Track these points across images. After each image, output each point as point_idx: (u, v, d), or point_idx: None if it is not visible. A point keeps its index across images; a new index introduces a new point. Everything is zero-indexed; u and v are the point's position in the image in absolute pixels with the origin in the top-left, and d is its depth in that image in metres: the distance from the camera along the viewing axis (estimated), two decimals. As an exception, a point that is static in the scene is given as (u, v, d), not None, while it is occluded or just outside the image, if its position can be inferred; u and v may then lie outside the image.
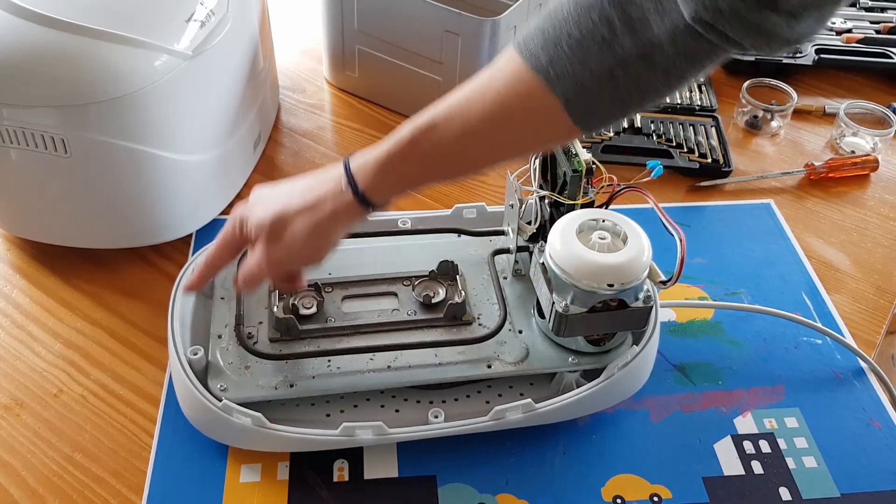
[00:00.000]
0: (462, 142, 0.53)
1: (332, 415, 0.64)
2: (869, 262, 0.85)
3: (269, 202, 0.59)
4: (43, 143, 0.67)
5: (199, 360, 0.62)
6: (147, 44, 0.67)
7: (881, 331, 0.75)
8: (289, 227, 0.57)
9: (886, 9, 1.19)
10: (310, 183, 0.59)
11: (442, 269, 0.71)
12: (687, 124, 0.99)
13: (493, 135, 0.53)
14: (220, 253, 0.62)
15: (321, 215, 0.57)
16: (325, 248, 0.59)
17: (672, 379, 0.71)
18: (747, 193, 0.92)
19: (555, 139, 0.58)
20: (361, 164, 0.56)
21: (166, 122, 0.71)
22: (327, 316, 0.67)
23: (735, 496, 0.63)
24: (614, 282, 0.59)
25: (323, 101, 1.02)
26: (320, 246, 0.59)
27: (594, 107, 0.50)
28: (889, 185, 0.95)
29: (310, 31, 1.11)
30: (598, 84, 0.49)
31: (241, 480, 0.62)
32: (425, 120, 0.54)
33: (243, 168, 0.87)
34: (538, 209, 0.68)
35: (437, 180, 0.59)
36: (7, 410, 0.66)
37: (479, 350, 0.65)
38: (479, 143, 0.54)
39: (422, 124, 0.54)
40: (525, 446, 0.65)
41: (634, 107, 0.51)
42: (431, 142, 0.54)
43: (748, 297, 0.79)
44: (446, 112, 0.54)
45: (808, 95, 1.07)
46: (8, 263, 0.78)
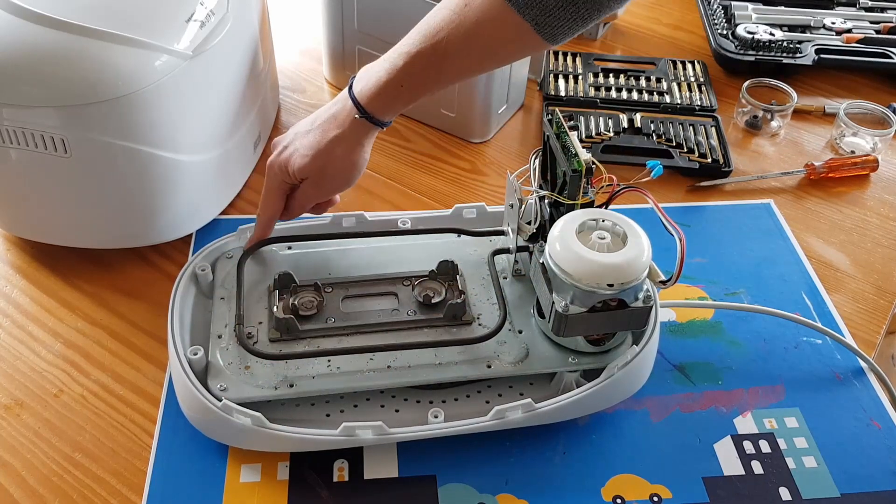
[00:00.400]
0: (450, 64, 0.64)
1: (332, 415, 0.64)
2: (869, 262, 0.85)
3: (300, 146, 0.68)
4: (43, 143, 0.67)
5: (199, 360, 0.62)
6: (147, 44, 0.67)
7: (881, 331, 0.75)
8: (327, 163, 0.68)
9: (886, 9, 1.19)
10: (325, 119, 0.68)
11: (442, 269, 0.71)
12: (687, 124, 0.99)
13: (476, 55, 0.64)
14: (272, 202, 0.70)
15: (349, 143, 0.67)
16: (358, 170, 0.70)
17: (672, 379, 0.71)
18: (747, 193, 0.92)
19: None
20: (364, 91, 0.66)
21: (166, 122, 0.71)
22: (327, 316, 0.67)
23: (735, 496, 0.63)
24: (614, 282, 0.59)
25: (323, 101, 1.02)
26: (353, 169, 0.69)
27: (559, 25, 0.61)
28: (889, 185, 0.95)
29: (310, 31, 1.11)
30: (561, 7, 0.60)
31: (241, 480, 0.62)
32: (416, 48, 0.64)
33: (243, 168, 0.87)
34: (538, 209, 0.68)
35: (429, 95, 0.68)
36: (7, 410, 0.66)
37: (479, 350, 0.65)
38: (464, 64, 0.65)
39: (413, 52, 0.64)
40: (525, 446, 0.65)
41: (594, 19, 0.61)
42: (425, 68, 0.64)
43: (748, 297, 0.79)
44: (433, 41, 0.63)
45: (808, 95, 1.08)
46: (8, 263, 0.78)
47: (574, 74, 1.06)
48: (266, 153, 0.92)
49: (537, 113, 1.02)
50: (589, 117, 0.99)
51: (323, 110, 0.69)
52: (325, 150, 0.67)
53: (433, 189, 0.90)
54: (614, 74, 1.07)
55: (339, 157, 0.68)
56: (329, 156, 0.67)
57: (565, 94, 1.03)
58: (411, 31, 0.65)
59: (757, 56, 1.08)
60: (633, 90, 1.04)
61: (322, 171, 0.68)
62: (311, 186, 0.69)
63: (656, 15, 1.23)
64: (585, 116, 0.99)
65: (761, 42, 1.08)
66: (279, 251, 0.73)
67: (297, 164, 0.68)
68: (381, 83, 0.65)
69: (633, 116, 0.99)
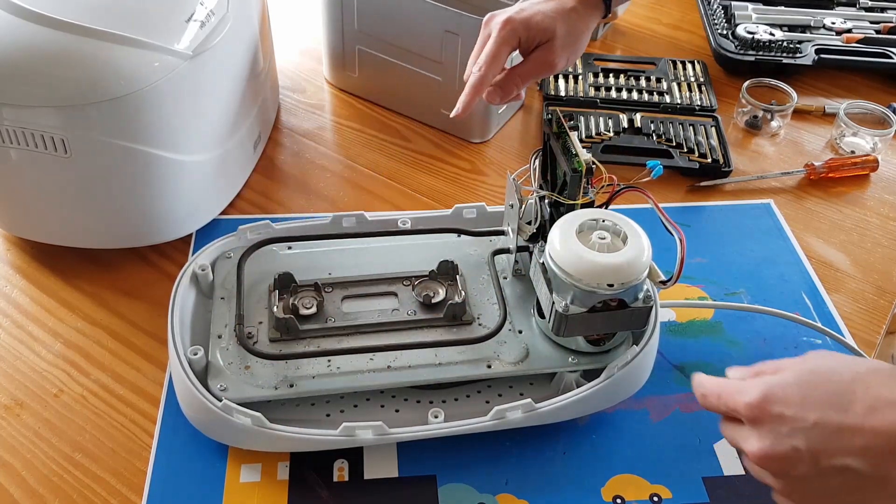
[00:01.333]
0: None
1: (332, 415, 0.64)
2: (869, 262, 0.85)
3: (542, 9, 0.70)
4: (43, 143, 0.67)
5: (199, 360, 0.62)
6: (147, 44, 0.67)
7: (881, 331, 0.75)
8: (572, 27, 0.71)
9: (886, 9, 1.19)
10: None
11: (442, 269, 0.71)
12: (687, 124, 0.99)
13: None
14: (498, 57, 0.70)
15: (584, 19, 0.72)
16: (583, 47, 0.74)
17: (672, 379, 0.71)
18: (747, 193, 0.92)
19: None
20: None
21: (166, 122, 0.71)
22: (327, 316, 0.67)
23: (735, 496, 0.63)
24: (614, 282, 0.59)
25: (323, 101, 1.02)
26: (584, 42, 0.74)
27: None
28: (889, 185, 0.95)
29: (310, 31, 1.11)
30: None
31: (241, 480, 0.62)
32: None
33: (243, 168, 0.87)
34: (538, 209, 0.68)
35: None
36: (7, 410, 0.66)
37: (479, 350, 0.65)
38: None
39: None
40: (525, 446, 0.65)
41: None
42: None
43: (748, 297, 0.79)
44: None
45: (808, 95, 1.08)
46: (8, 263, 0.78)
47: (574, 74, 1.06)
48: (266, 153, 0.92)
49: (537, 113, 1.02)
50: (589, 117, 0.99)
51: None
52: (568, 15, 0.71)
53: (433, 189, 0.90)
54: (614, 74, 1.07)
55: (579, 30, 0.72)
56: (574, 22, 0.71)
57: (565, 94, 1.03)
58: None
59: (757, 56, 1.08)
60: (633, 90, 1.04)
61: (568, 33, 0.71)
62: (551, 50, 0.71)
63: (656, 15, 1.23)
64: (585, 116, 0.99)
65: (761, 42, 1.08)
66: (279, 251, 0.73)
67: (545, 24, 0.70)
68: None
69: (633, 116, 0.99)
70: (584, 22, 0.73)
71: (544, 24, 0.70)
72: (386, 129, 0.98)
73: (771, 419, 0.48)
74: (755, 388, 0.49)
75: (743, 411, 0.50)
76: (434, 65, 0.92)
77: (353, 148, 0.95)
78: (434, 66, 0.92)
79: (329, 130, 0.98)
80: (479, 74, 0.70)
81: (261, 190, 0.88)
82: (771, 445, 0.48)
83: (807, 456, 0.47)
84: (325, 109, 1.01)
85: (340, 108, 1.01)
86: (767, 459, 0.48)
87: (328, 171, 0.91)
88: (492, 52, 0.70)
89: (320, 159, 0.93)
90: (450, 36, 0.88)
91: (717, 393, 0.52)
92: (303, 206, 0.87)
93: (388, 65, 0.95)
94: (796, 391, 0.48)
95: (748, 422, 0.50)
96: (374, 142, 0.96)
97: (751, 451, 0.49)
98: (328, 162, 0.92)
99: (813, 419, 0.47)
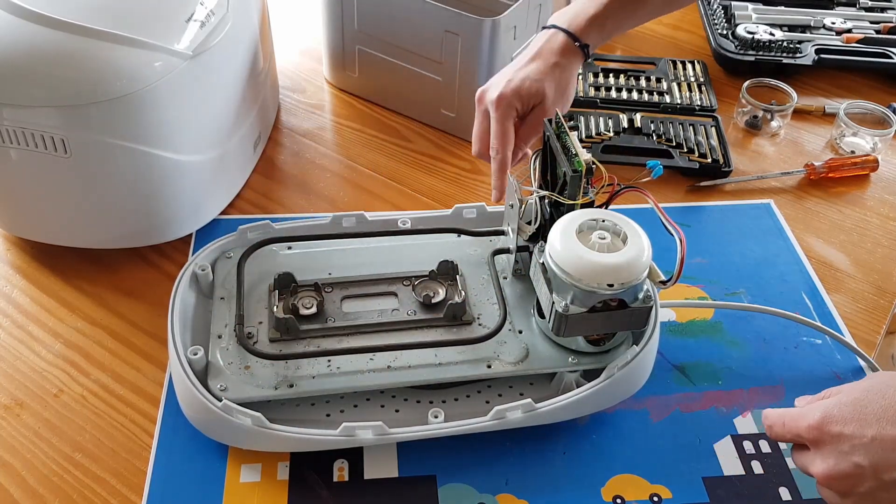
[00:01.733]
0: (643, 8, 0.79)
1: (332, 415, 0.64)
2: (869, 262, 0.85)
3: (527, 75, 0.74)
4: (43, 143, 0.67)
5: (199, 360, 0.62)
6: (147, 44, 0.67)
7: (881, 331, 0.74)
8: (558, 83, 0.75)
9: (886, 9, 1.19)
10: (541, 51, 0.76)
11: (442, 269, 0.71)
12: (687, 124, 0.99)
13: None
14: (507, 132, 0.73)
15: (567, 70, 0.75)
16: (573, 95, 0.78)
17: (672, 379, 0.71)
18: (747, 193, 0.92)
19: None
20: (574, 24, 0.76)
21: (166, 122, 0.71)
22: (327, 316, 0.67)
23: (735, 496, 0.63)
24: (614, 282, 0.59)
25: (323, 101, 1.02)
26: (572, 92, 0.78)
27: None
28: (889, 185, 0.95)
29: (310, 31, 1.11)
30: None
31: (241, 480, 0.62)
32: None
33: (243, 168, 0.87)
34: (538, 209, 0.68)
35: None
36: (7, 410, 0.66)
37: (479, 350, 0.65)
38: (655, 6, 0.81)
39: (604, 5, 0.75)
40: (525, 446, 0.65)
41: None
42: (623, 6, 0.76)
43: (748, 296, 0.79)
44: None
45: (808, 95, 1.08)
46: (8, 263, 0.78)
47: (574, 74, 1.06)
48: (266, 153, 0.92)
49: (537, 113, 1.02)
50: (589, 117, 0.99)
51: (530, 49, 0.77)
52: (553, 73, 0.74)
53: (433, 189, 0.90)
54: (614, 74, 1.07)
55: (565, 81, 0.76)
56: (560, 76, 0.75)
57: (565, 94, 1.03)
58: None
59: (757, 56, 1.08)
60: (633, 90, 1.04)
61: (557, 89, 0.75)
62: (544, 110, 0.74)
63: (656, 15, 1.23)
64: (585, 116, 0.99)
65: (761, 42, 1.08)
66: (279, 251, 0.73)
67: (534, 88, 0.73)
68: (590, 17, 0.76)
69: (633, 116, 0.99)
70: (568, 72, 0.76)
71: (534, 89, 0.74)
72: (386, 129, 0.98)
73: (831, 439, 0.50)
74: (815, 412, 0.52)
75: (805, 435, 0.52)
76: (434, 65, 0.92)
77: (353, 148, 0.95)
78: (434, 66, 0.92)
79: (329, 130, 0.98)
80: (499, 158, 0.73)
81: (261, 190, 0.88)
82: (834, 465, 0.50)
83: (869, 471, 0.48)
84: (325, 109, 1.01)
85: (340, 108, 1.01)
86: (832, 479, 0.50)
87: (328, 171, 0.91)
88: (499, 133, 0.73)
89: (320, 159, 0.93)
90: (450, 36, 0.88)
91: (782, 422, 0.55)
92: (303, 206, 0.87)
93: (388, 65, 0.95)
94: (852, 410, 0.50)
95: (811, 444, 0.52)
96: (374, 142, 0.96)
97: (816, 472, 0.51)
98: (328, 162, 0.92)
99: (871, 434, 0.49)
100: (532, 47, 0.77)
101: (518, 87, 0.73)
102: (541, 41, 0.77)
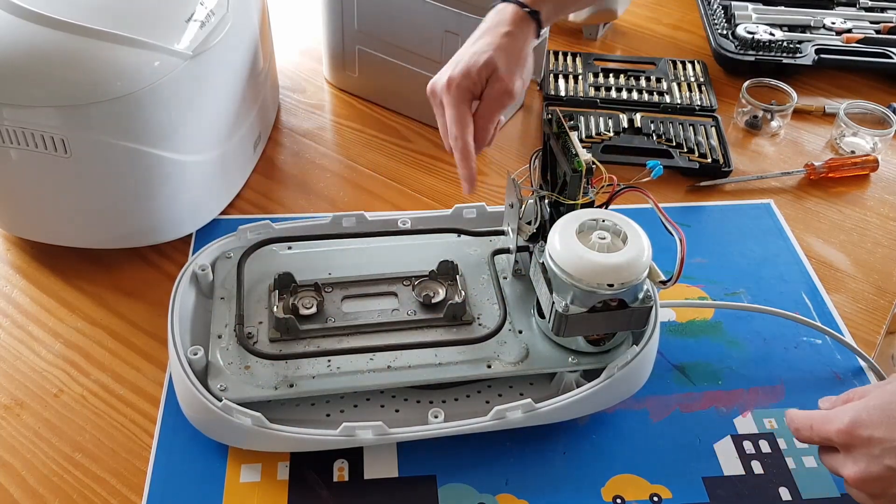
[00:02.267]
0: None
1: (332, 415, 0.64)
2: (869, 262, 0.85)
3: (477, 49, 0.70)
4: (43, 143, 0.67)
5: (199, 360, 0.62)
6: (147, 44, 0.67)
7: (881, 331, 0.75)
8: (510, 52, 0.70)
9: (886, 9, 1.19)
10: (492, 23, 0.72)
11: (442, 269, 0.71)
12: (687, 124, 0.99)
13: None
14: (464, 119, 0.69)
15: (519, 39, 0.71)
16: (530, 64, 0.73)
17: (672, 379, 0.71)
18: (747, 193, 0.92)
19: None
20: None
21: (166, 122, 0.71)
22: (327, 316, 0.67)
23: (735, 496, 0.63)
24: (614, 282, 0.59)
25: (323, 101, 1.02)
26: (529, 59, 0.72)
27: None
28: (889, 185, 0.95)
29: (310, 31, 1.11)
30: None
31: (241, 480, 0.62)
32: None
33: (243, 168, 0.87)
34: (538, 209, 0.68)
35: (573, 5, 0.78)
36: (7, 410, 0.66)
37: (479, 350, 0.65)
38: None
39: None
40: (525, 446, 0.65)
41: None
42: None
43: (748, 296, 0.79)
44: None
45: (808, 95, 1.08)
46: (8, 263, 0.78)
47: (574, 74, 1.06)
48: (266, 153, 0.92)
49: (537, 113, 1.02)
50: (589, 117, 0.99)
51: (484, 24, 0.74)
52: (503, 43, 0.70)
53: (433, 189, 0.90)
54: (614, 74, 1.07)
55: (517, 48, 0.71)
56: (509, 47, 0.70)
57: (565, 94, 1.03)
58: None
59: (757, 56, 1.08)
60: (633, 90, 1.04)
61: (508, 56, 0.70)
62: (498, 79, 0.70)
63: (656, 15, 1.23)
64: (585, 116, 0.99)
65: (761, 42, 1.08)
66: (279, 251, 0.73)
67: (482, 61, 0.69)
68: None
69: (633, 116, 0.99)
70: (520, 41, 0.72)
71: (482, 61, 0.69)
72: (386, 129, 0.98)
73: (862, 443, 0.51)
74: (844, 416, 0.53)
75: (835, 438, 0.53)
76: (434, 65, 0.92)
77: (353, 148, 0.95)
78: (434, 66, 0.92)
79: (329, 130, 0.98)
80: (459, 144, 0.69)
81: (261, 190, 0.88)
82: (866, 468, 0.51)
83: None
84: (325, 109, 1.01)
85: (340, 108, 1.01)
86: (864, 482, 0.51)
87: (328, 171, 0.91)
88: (455, 117, 0.69)
89: (320, 159, 0.93)
90: (450, 36, 0.88)
91: (809, 425, 0.55)
92: (303, 206, 0.87)
93: (388, 65, 0.95)
94: (881, 413, 0.51)
95: (841, 448, 0.53)
96: (374, 142, 0.96)
97: (848, 475, 0.52)
98: (328, 162, 0.92)
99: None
100: (481, 26, 0.74)
101: (466, 67, 0.70)
102: (490, 17, 0.74)
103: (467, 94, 0.69)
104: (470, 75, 0.69)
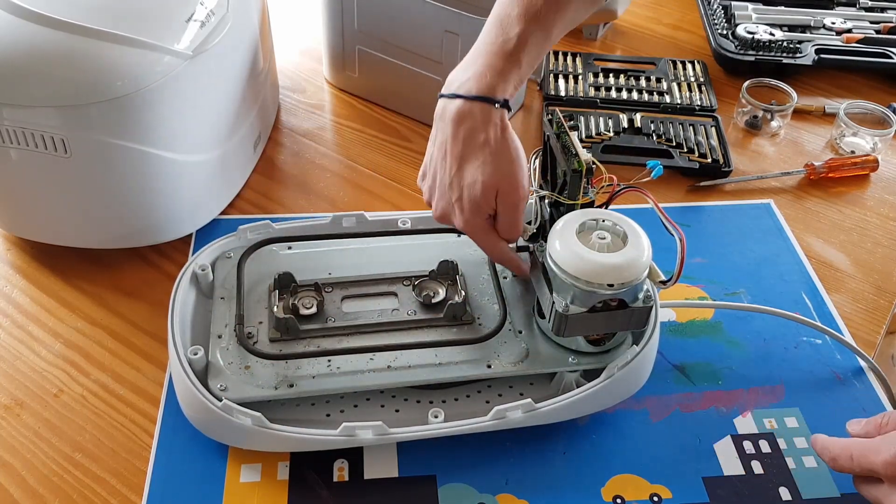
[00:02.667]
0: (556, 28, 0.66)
1: (332, 415, 0.64)
2: (869, 262, 0.85)
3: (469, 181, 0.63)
4: (43, 143, 0.67)
5: (199, 360, 0.62)
6: (147, 44, 0.67)
7: (881, 331, 0.75)
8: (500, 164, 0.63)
9: (886, 9, 1.19)
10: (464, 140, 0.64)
11: (442, 269, 0.71)
12: (687, 124, 0.99)
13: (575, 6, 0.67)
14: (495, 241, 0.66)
15: (501, 140, 0.63)
16: (519, 148, 0.65)
17: (672, 379, 0.71)
18: (747, 193, 0.92)
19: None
20: (485, 87, 0.63)
21: (166, 122, 0.71)
22: (327, 316, 0.67)
23: (735, 496, 0.63)
24: (614, 282, 0.59)
25: (323, 101, 1.02)
26: (518, 149, 0.65)
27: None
28: (889, 185, 0.95)
29: (310, 31, 1.11)
30: None
31: (241, 480, 0.62)
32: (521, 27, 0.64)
33: (243, 168, 0.87)
34: (538, 209, 0.68)
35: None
36: (7, 410, 0.66)
37: (479, 350, 0.65)
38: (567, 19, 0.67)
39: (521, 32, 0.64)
40: (525, 446, 0.65)
41: None
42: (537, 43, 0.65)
43: (748, 296, 0.79)
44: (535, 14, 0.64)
45: (808, 95, 1.08)
46: (8, 263, 0.78)
47: (574, 74, 1.06)
48: (266, 153, 0.92)
49: (537, 113, 1.02)
50: (589, 117, 0.99)
51: (447, 142, 0.65)
52: (488, 161, 0.63)
53: (433, 189, 0.89)
54: (614, 74, 1.07)
55: (505, 148, 0.64)
56: (498, 155, 0.63)
57: (565, 94, 1.03)
58: (501, 16, 0.65)
59: (757, 56, 1.08)
60: (633, 90, 1.04)
61: (503, 170, 0.63)
62: (507, 194, 0.64)
63: (656, 15, 1.23)
64: (585, 116, 0.99)
65: (761, 42, 1.08)
66: (279, 251, 0.73)
67: (482, 192, 0.63)
68: (499, 71, 0.63)
69: (633, 116, 0.99)
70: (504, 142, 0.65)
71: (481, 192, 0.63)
72: (386, 129, 0.98)
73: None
74: (889, 447, 0.52)
75: (881, 470, 0.52)
76: (434, 65, 0.92)
77: (353, 148, 0.95)
78: (434, 66, 0.92)
79: (329, 130, 0.98)
80: (497, 256, 0.67)
81: (261, 190, 0.88)
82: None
83: None
84: (325, 109, 1.01)
85: (340, 108, 1.01)
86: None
87: (328, 171, 0.91)
88: (484, 244, 0.66)
89: (320, 159, 0.93)
90: (450, 36, 0.88)
91: (849, 455, 0.54)
92: (303, 206, 0.87)
93: (388, 65, 0.95)
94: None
95: (888, 480, 0.52)
96: (374, 142, 0.96)
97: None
98: (328, 162, 0.92)
99: None
100: (449, 134, 0.65)
101: (473, 201, 0.64)
102: (452, 124, 0.64)
103: (483, 221, 0.65)
104: (480, 211, 0.64)
